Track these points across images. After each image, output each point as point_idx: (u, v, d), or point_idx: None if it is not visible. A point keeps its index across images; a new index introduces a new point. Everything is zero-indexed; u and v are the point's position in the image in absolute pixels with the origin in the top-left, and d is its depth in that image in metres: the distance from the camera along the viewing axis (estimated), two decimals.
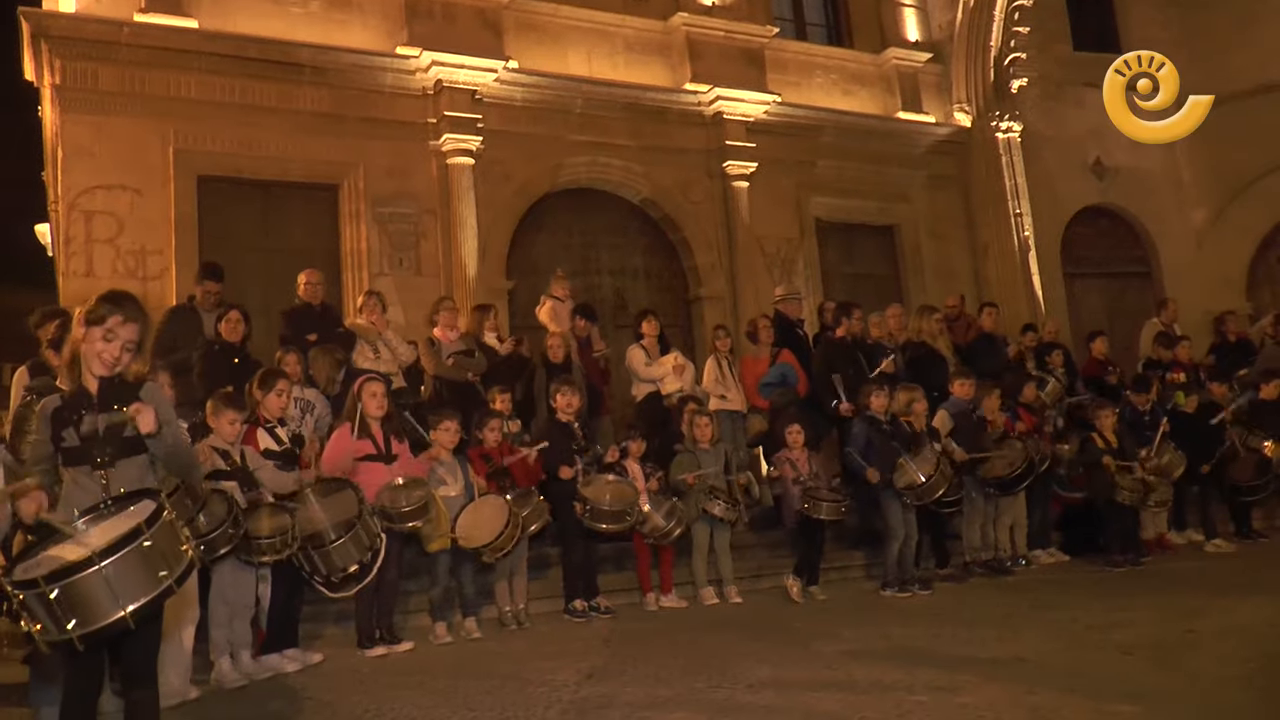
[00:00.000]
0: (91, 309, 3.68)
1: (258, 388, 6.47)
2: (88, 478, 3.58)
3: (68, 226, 10.23)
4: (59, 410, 3.63)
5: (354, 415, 6.75)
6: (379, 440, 6.75)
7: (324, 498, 6.18)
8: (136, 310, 3.72)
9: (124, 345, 3.66)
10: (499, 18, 12.40)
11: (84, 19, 10.51)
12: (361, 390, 6.75)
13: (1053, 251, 15.90)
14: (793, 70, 14.59)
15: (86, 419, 3.61)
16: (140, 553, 3.15)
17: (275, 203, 11.23)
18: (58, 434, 3.61)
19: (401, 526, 6.50)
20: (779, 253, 13.83)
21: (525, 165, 12.36)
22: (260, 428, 6.39)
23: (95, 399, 3.64)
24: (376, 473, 6.62)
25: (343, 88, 11.41)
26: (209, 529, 5.41)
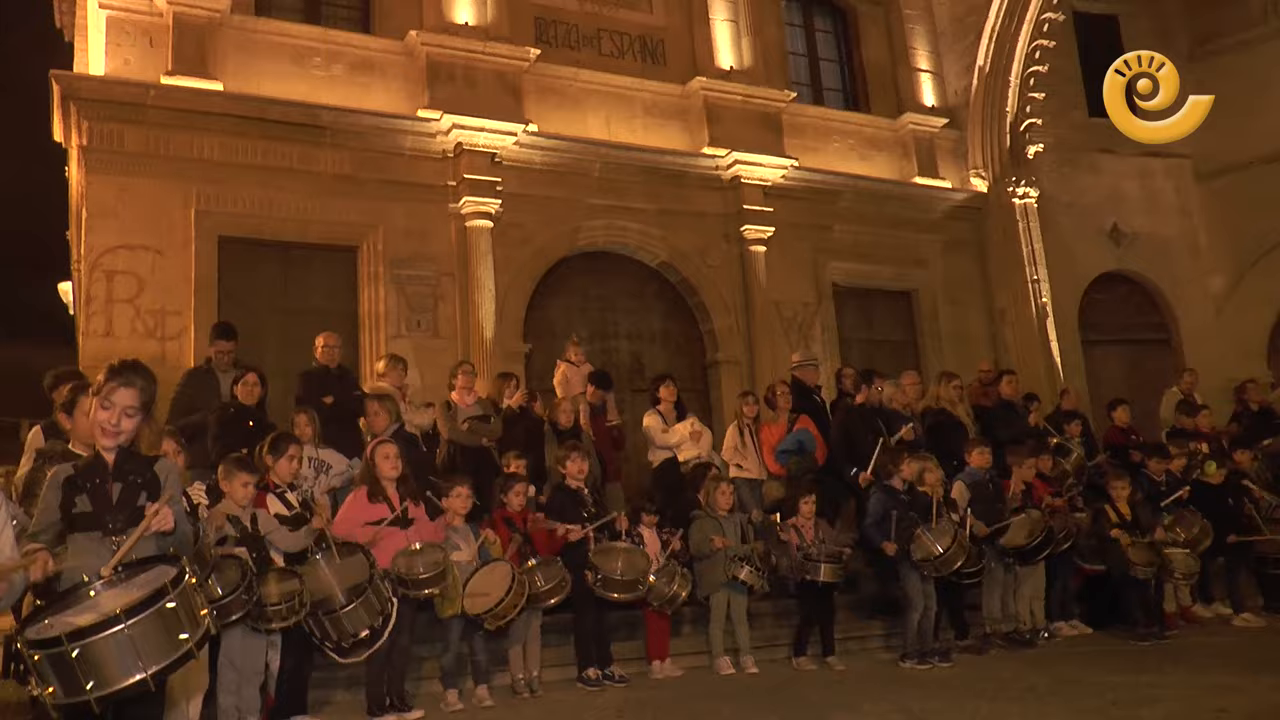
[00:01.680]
0: (95, 382, 3.69)
1: (268, 453, 6.43)
2: (98, 544, 3.55)
3: (89, 286, 10.30)
4: (71, 479, 3.61)
5: (369, 478, 6.69)
6: (394, 503, 6.68)
7: (335, 561, 6.11)
8: (134, 374, 3.69)
9: (123, 410, 3.64)
10: (519, 81, 12.56)
11: (112, 81, 10.69)
12: (375, 453, 6.71)
13: (1070, 317, 15.84)
14: (810, 135, 14.70)
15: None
16: (163, 615, 3.12)
17: (295, 264, 11.31)
18: (69, 501, 3.58)
19: (418, 593, 6.40)
20: (796, 317, 13.82)
21: (543, 228, 12.43)
22: (270, 493, 6.34)
23: (111, 469, 3.62)
24: (392, 536, 6.55)
25: (363, 150, 11.54)
26: (223, 594, 5.34)
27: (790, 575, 8.58)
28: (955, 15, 16.20)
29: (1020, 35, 15.51)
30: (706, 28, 14.18)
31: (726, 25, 14.30)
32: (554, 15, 13.35)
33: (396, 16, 12.30)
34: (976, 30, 15.74)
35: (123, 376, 3.67)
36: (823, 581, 8.07)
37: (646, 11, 14.03)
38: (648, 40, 13.93)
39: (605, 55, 13.51)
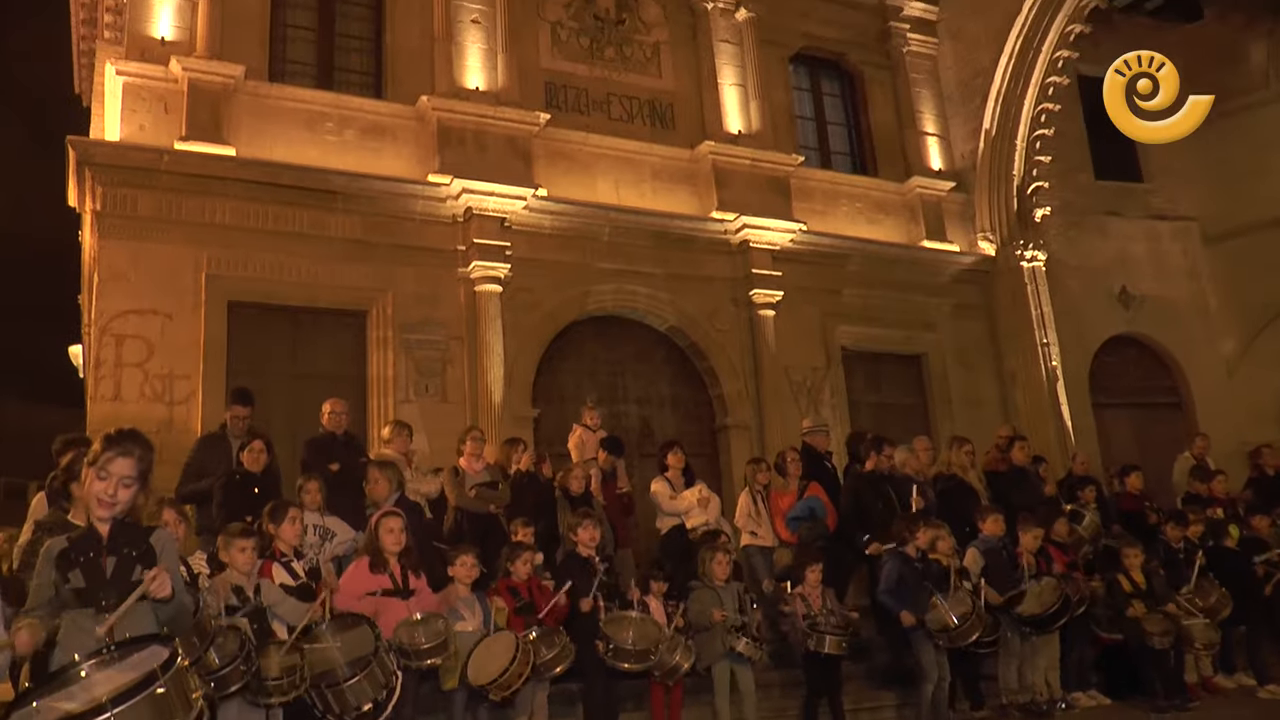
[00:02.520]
0: (90, 451, 3.64)
1: (269, 521, 6.39)
2: (91, 621, 3.48)
3: (99, 350, 10.32)
4: (65, 552, 3.55)
5: (371, 549, 6.63)
6: (396, 575, 6.61)
7: (339, 633, 6.01)
8: (132, 444, 3.65)
9: (119, 480, 3.60)
10: (529, 146, 12.65)
11: (127, 147, 10.80)
12: (379, 525, 6.65)
13: (1081, 381, 15.77)
14: (818, 199, 14.76)
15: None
16: (153, 700, 3.04)
17: (304, 328, 11.32)
18: (62, 576, 3.52)
19: (420, 664, 6.30)
20: (805, 381, 13.77)
21: (553, 292, 12.45)
22: (276, 561, 6.28)
23: (105, 542, 3.56)
24: (394, 608, 6.47)
25: (374, 214, 11.61)
26: (221, 665, 5.26)
27: (797, 645, 8.45)
28: (961, 79, 16.34)
29: (1026, 99, 15.63)
30: (715, 92, 14.31)
31: (735, 90, 14.43)
32: (564, 80, 13.49)
33: (408, 82, 12.44)
34: (982, 94, 15.87)
35: (120, 446, 3.63)
36: (828, 653, 7.94)
37: (655, 76, 14.18)
38: (657, 105, 14.05)
39: (615, 120, 13.63)
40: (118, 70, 11.13)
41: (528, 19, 13.43)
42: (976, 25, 16.12)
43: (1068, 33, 15.39)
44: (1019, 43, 15.51)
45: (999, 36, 15.67)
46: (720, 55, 14.53)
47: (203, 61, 11.21)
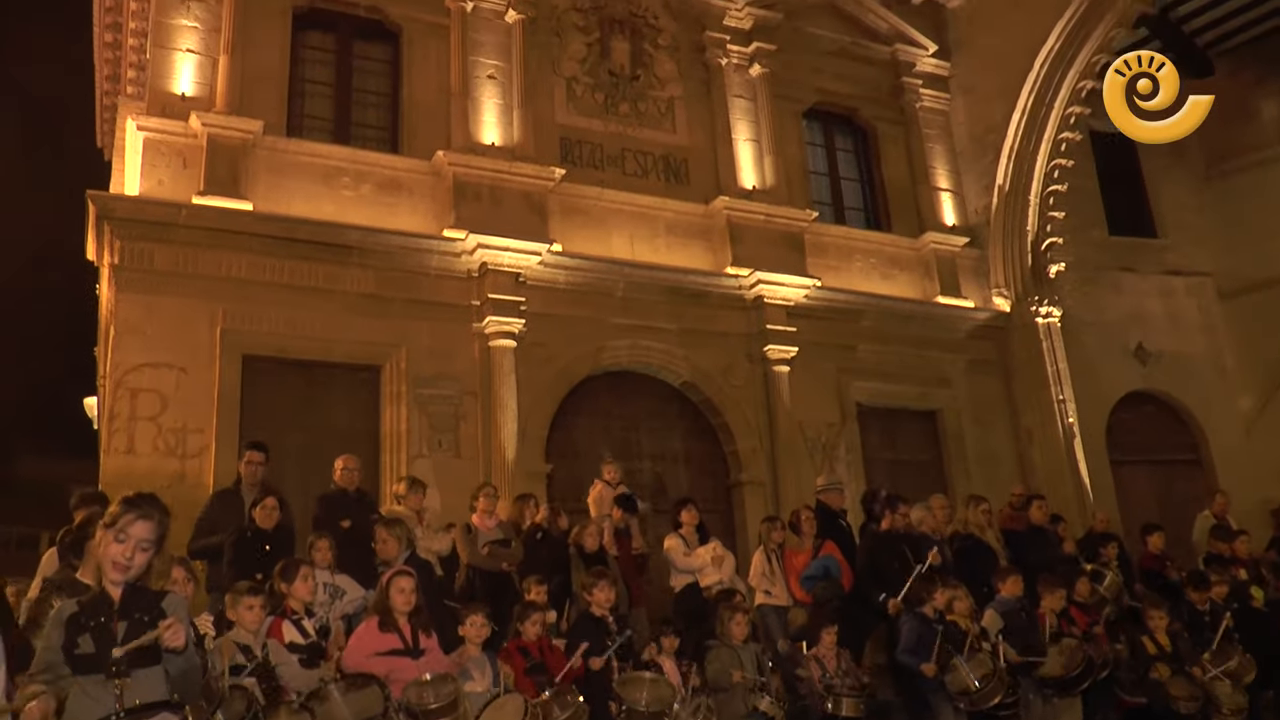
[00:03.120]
0: (108, 513, 3.62)
1: (280, 579, 6.34)
2: (101, 688, 3.41)
3: (113, 403, 10.33)
4: (75, 616, 3.50)
5: (381, 608, 6.55)
6: (406, 635, 6.52)
7: (348, 693, 5.92)
8: (152, 508, 3.64)
9: (137, 544, 3.57)
10: (544, 201, 12.71)
11: (146, 201, 10.90)
12: (390, 584, 6.57)
13: (1098, 437, 15.62)
14: (832, 254, 14.76)
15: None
16: None
17: (318, 383, 11.30)
18: (71, 641, 3.46)
19: None
20: (820, 438, 13.67)
21: (567, 348, 12.43)
22: (285, 619, 6.21)
23: (116, 607, 3.51)
24: (404, 668, 6.37)
25: (389, 269, 11.64)
26: None
27: (814, 706, 8.30)
28: (974, 134, 16.40)
29: (1039, 154, 15.66)
30: (729, 147, 14.39)
31: (749, 145, 14.51)
32: (579, 135, 13.57)
33: (424, 137, 12.54)
34: (995, 149, 15.91)
35: (140, 509, 3.62)
36: (845, 715, 7.80)
37: (670, 131, 14.26)
38: (671, 160, 14.12)
39: (629, 175, 13.68)
40: (138, 126, 11.28)
41: (543, 74, 13.56)
42: (988, 81, 16.21)
43: (1079, 89, 15.43)
44: (1031, 99, 15.57)
45: (1011, 92, 15.73)
46: (734, 110, 14.63)
47: (222, 117, 11.33)
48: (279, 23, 12.26)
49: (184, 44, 11.72)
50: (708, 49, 14.74)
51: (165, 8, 11.87)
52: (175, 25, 11.78)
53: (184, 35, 11.75)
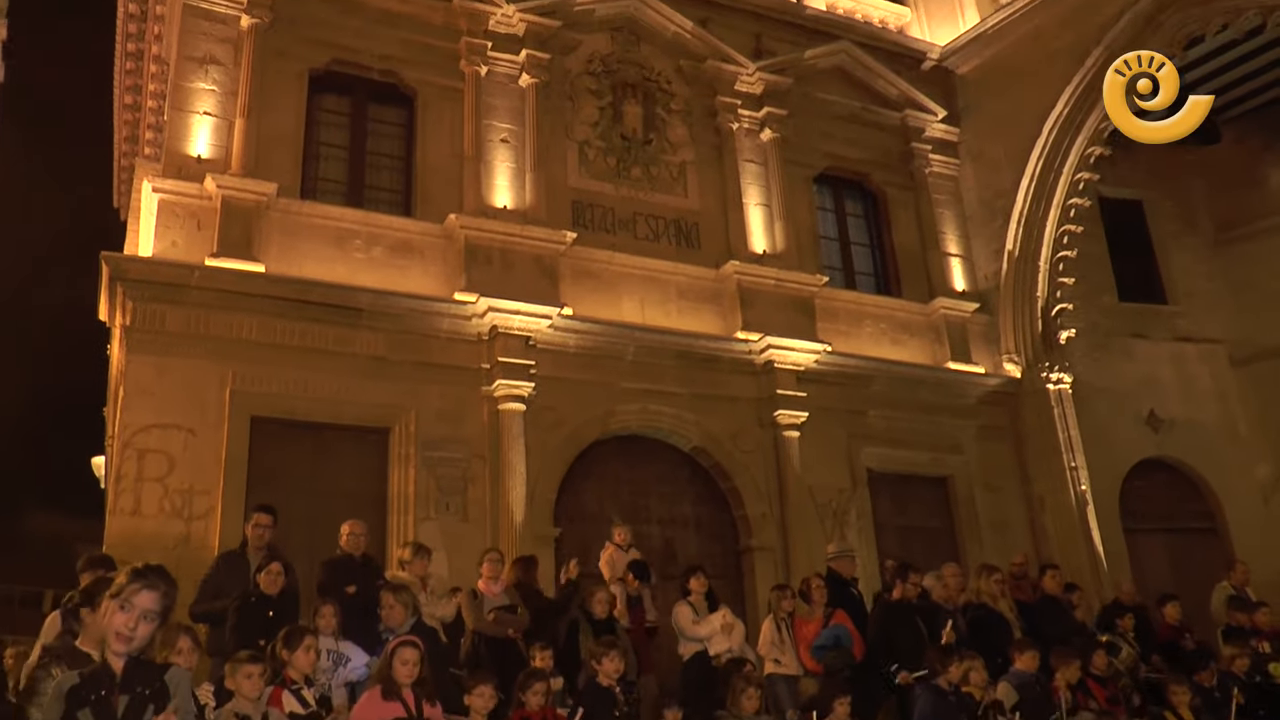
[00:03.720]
0: (114, 584, 3.58)
1: (283, 647, 6.24)
2: None
3: (120, 464, 10.31)
4: (75, 689, 3.44)
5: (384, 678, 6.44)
6: (409, 704, 6.40)
7: None
8: (158, 578, 3.60)
9: (141, 615, 3.52)
10: (555, 264, 12.75)
11: (158, 263, 10.97)
12: (394, 654, 6.47)
13: (1111, 505, 15.46)
14: (843, 319, 14.75)
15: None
16: None
17: (326, 445, 11.26)
18: (71, 715, 3.40)
19: None
20: (831, 504, 13.55)
21: (576, 412, 12.39)
22: (286, 689, 6.11)
23: (118, 680, 3.45)
24: None
25: (399, 332, 11.65)
26: None
27: None
28: (983, 200, 16.46)
29: (1048, 220, 15.68)
30: (740, 212, 14.46)
31: (759, 210, 14.59)
32: (591, 199, 13.65)
33: (437, 200, 12.63)
34: (1004, 214, 15.95)
35: (147, 579, 3.58)
36: None
37: (681, 196, 14.33)
38: (682, 224, 14.18)
39: (641, 239, 13.73)
40: (154, 188, 11.38)
41: (556, 139, 13.68)
42: (997, 147, 16.31)
43: (1088, 155, 15.51)
44: (1040, 165, 15.64)
45: (1020, 158, 15.82)
46: (745, 175, 14.74)
47: (237, 179, 11.43)
48: (295, 86, 12.41)
49: (201, 107, 11.87)
50: (719, 113, 14.89)
51: (184, 72, 12.05)
52: (193, 89, 11.94)
53: (201, 99, 11.90)
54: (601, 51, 14.48)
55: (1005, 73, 16.32)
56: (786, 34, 15.98)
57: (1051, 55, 15.58)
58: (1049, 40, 15.66)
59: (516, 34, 13.65)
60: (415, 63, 13.12)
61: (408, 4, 13.19)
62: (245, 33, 12.18)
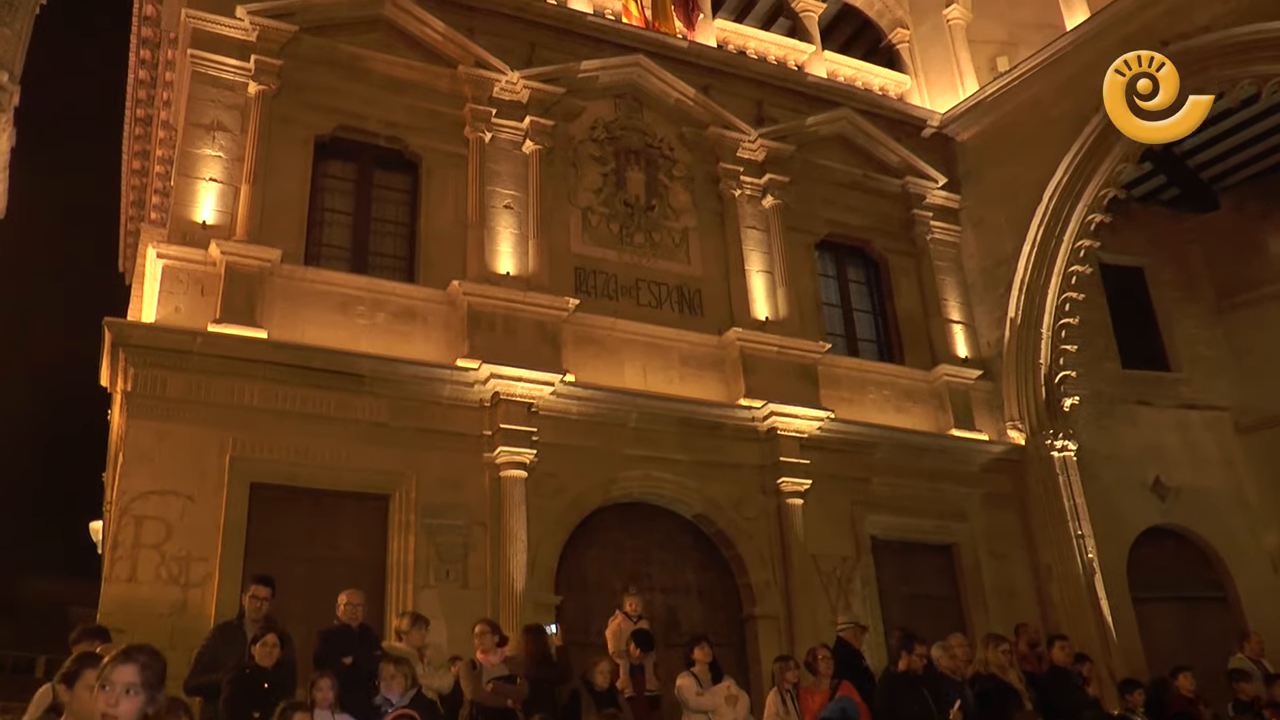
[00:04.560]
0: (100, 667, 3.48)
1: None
2: None
3: (117, 531, 10.20)
4: None
5: None
6: None
7: None
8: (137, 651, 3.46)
9: (122, 689, 3.40)
10: (558, 331, 12.74)
11: (161, 329, 10.94)
12: None
13: (1119, 574, 15.30)
14: (845, 386, 14.70)
15: None
16: None
17: (326, 511, 11.16)
18: None
19: None
20: (835, 571, 13.40)
21: (578, 478, 12.30)
22: None
23: None
24: None
25: (401, 398, 11.61)
26: None
27: None
28: (984, 267, 16.51)
29: (1049, 287, 15.70)
30: (742, 278, 14.49)
31: (762, 276, 14.62)
32: (594, 266, 13.67)
33: (440, 266, 12.65)
34: (1006, 282, 15.98)
35: (124, 653, 3.47)
36: None
37: (684, 262, 14.37)
38: (685, 290, 14.19)
39: (643, 305, 13.73)
40: (158, 254, 11.40)
41: (559, 204, 13.74)
42: (998, 214, 16.40)
43: (1088, 222, 15.58)
44: (1040, 232, 15.71)
45: (1020, 225, 15.89)
46: (747, 242, 14.79)
47: (241, 245, 11.46)
48: (301, 152, 12.50)
49: (207, 173, 11.94)
50: (721, 180, 14.99)
51: (191, 138, 12.14)
52: (200, 155, 12.02)
53: (208, 165, 11.98)
54: (605, 118, 14.61)
55: (1005, 140, 16.46)
56: (788, 101, 16.15)
57: (1050, 123, 15.73)
58: (1047, 108, 15.83)
59: (520, 101, 13.80)
60: (420, 129, 13.23)
61: (413, 71, 13.35)
62: (252, 99, 12.30)
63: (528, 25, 14.42)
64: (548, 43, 14.46)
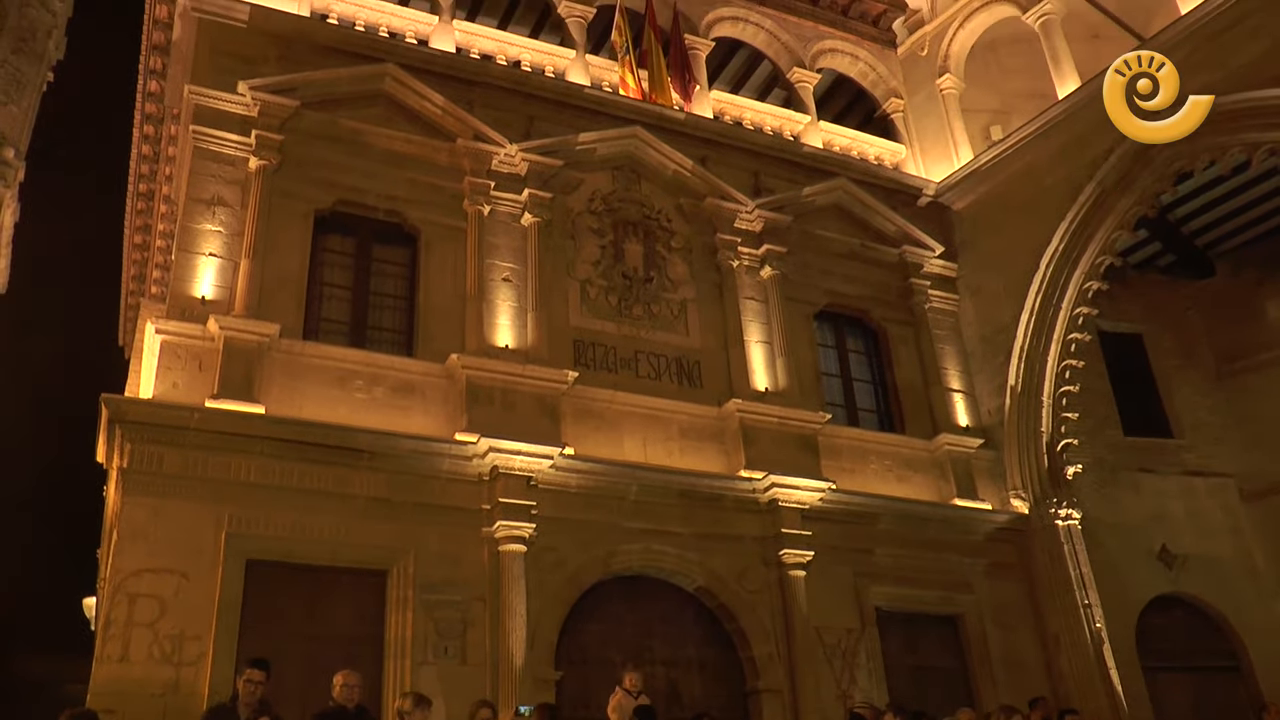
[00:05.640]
0: None
1: None
2: None
3: (110, 610, 10.07)
4: None
5: None
6: None
7: None
8: None
9: None
10: (557, 404, 12.70)
11: (158, 405, 10.91)
12: None
13: (1128, 643, 15.07)
14: (846, 456, 14.61)
15: None
16: None
17: (323, 588, 11.01)
18: None
19: None
20: (839, 644, 13.20)
21: (578, 552, 12.16)
22: None
23: None
24: None
25: (399, 473, 11.52)
26: None
27: None
28: (983, 335, 16.50)
29: (1049, 355, 15.68)
30: (741, 349, 14.47)
31: (761, 347, 14.60)
32: (593, 338, 13.66)
33: (439, 339, 12.63)
34: (1005, 350, 15.96)
35: None
36: None
37: (683, 334, 14.35)
38: (684, 362, 14.16)
39: (642, 377, 13.69)
40: (157, 329, 11.40)
41: (558, 277, 13.77)
42: (995, 282, 16.43)
43: (1086, 289, 15.61)
44: (1038, 299, 15.73)
45: (1018, 293, 15.92)
46: (746, 312, 14.80)
47: (240, 320, 11.45)
48: (301, 226, 12.55)
49: (207, 249, 11.98)
50: (719, 251, 15.04)
51: (192, 213, 12.21)
52: (200, 230, 12.07)
53: (208, 240, 12.03)
54: (603, 190, 14.70)
55: (1000, 208, 16.57)
56: (784, 171, 16.26)
57: (1045, 191, 15.85)
58: (1042, 176, 15.95)
59: (519, 173, 13.90)
60: (419, 202, 13.31)
61: (413, 145, 13.46)
62: (253, 174, 12.38)
63: (526, 98, 14.59)
64: (546, 115, 14.60)
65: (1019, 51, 17.86)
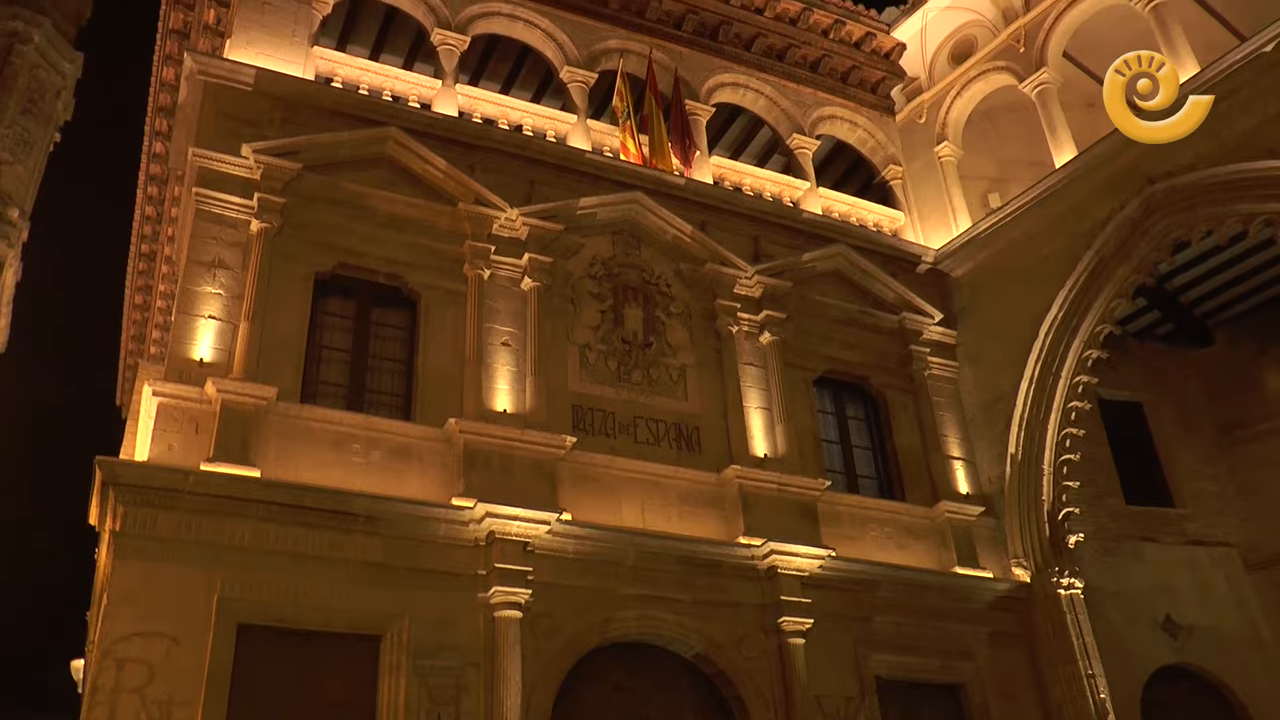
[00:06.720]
0: None
1: None
2: None
3: (97, 675, 9.92)
4: None
5: None
6: None
7: None
8: None
9: None
10: (555, 469, 12.62)
11: (153, 468, 10.83)
12: None
13: (1133, 715, 14.90)
14: (846, 524, 14.49)
15: None
16: None
17: (315, 653, 10.83)
18: None
19: None
20: (839, 712, 12.97)
21: (574, 618, 12.00)
22: None
23: None
24: None
25: (395, 537, 11.41)
26: None
27: None
28: (983, 403, 16.45)
29: (1049, 423, 15.61)
30: (740, 415, 14.42)
31: (760, 413, 14.55)
32: (591, 403, 13.60)
33: (437, 404, 12.58)
34: (1005, 418, 15.89)
35: None
36: None
37: (682, 399, 14.30)
38: (683, 428, 14.09)
39: (641, 443, 13.61)
40: (154, 391, 11.36)
41: (557, 341, 13.75)
42: (995, 350, 16.42)
43: (1085, 358, 15.59)
44: (1038, 367, 15.70)
45: (1018, 361, 15.89)
46: (745, 378, 14.77)
47: (237, 383, 11.41)
48: (301, 289, 12.56)
49: (207, 311, 11.98)
50: (719, 316, 15.05)
51: (192, 275, 12.22)
52: (200, 292, 12.08)
53: (208, 302, 12.03)
54: (603, 255, 14.74)
55: (999, 276, 16.62)
56: (784, 237, 16.33)
57: (1043, 259, 15.91)
58: (1040, 245, 16.02)
59: (520, 238, 13.95)
60: (419, 266, 13.34)
61: (414, 208, 13.53)
62: (254, 236, 12.42)
63: (528, 163, 14.70)
64: (547, 180, 14.70)
65: (1016, 120, 18.07)
